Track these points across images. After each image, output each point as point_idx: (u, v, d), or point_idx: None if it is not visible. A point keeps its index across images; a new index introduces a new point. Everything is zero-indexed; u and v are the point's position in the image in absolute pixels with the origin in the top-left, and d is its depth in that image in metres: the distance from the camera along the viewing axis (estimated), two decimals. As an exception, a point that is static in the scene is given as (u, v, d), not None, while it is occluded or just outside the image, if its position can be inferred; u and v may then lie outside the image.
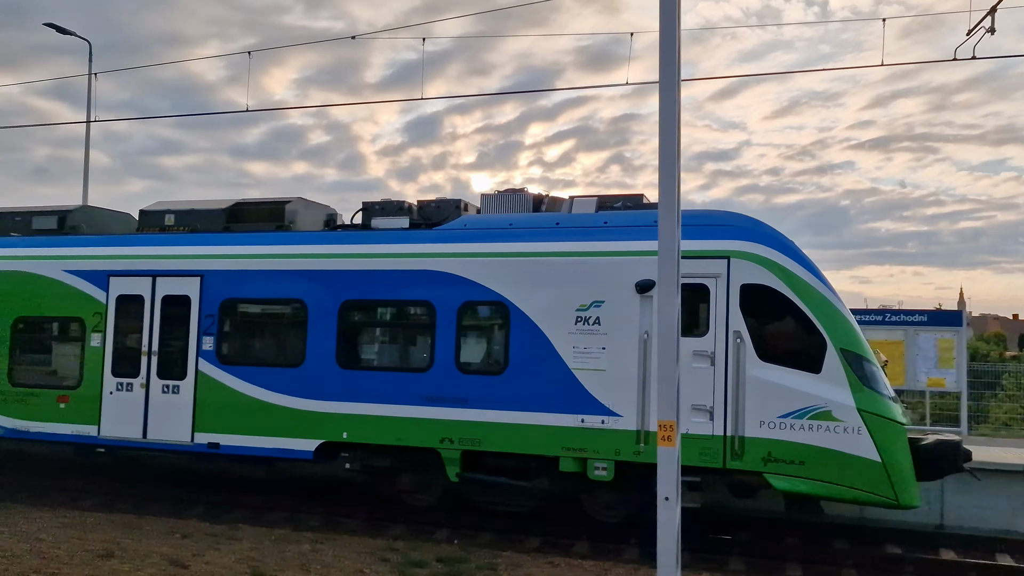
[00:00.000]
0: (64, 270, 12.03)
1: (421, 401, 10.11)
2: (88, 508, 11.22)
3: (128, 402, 11.50)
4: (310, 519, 10.88)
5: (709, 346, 9.19)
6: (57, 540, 9.23)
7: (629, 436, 9.27)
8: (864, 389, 8.77)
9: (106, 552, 8.76)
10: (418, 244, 10.61)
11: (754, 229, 9.49)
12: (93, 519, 10.39)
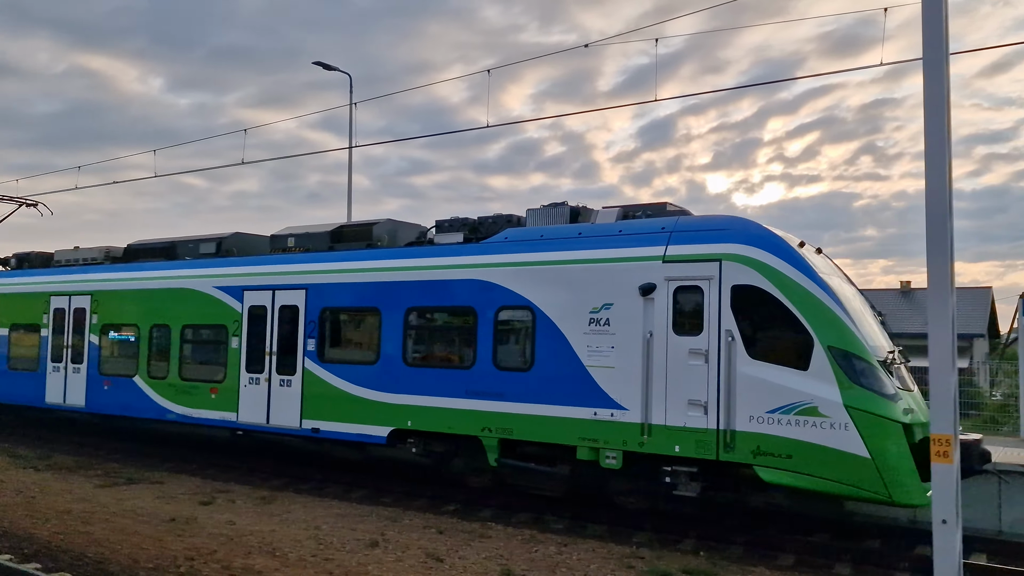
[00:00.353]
0: (213, 286, 14.71)
1: (466, 394, 11.52)
2: (357, 501, 12.27)
3: (257, 393, 13.91)
4: (556, 522, 11.04)
5: (703, 344, 9.74)
6: (332, 529, 10.20)
7: (635, 428, 10.05)
8: (853, 386, 8.92)
9: (372, 542, 9.53)
10: (464, 256, 11.97)
11: (747, 232, 9.92)
12: (362, 511, 11.36)
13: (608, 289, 10.46)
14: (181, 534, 9.85)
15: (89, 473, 13.85)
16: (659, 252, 10.19)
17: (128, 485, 12.95)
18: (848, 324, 9.26)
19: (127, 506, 11.35)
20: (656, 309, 10.07)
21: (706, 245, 9.97)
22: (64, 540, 9.52)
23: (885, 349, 9.71)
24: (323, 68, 24.24)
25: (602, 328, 10.45)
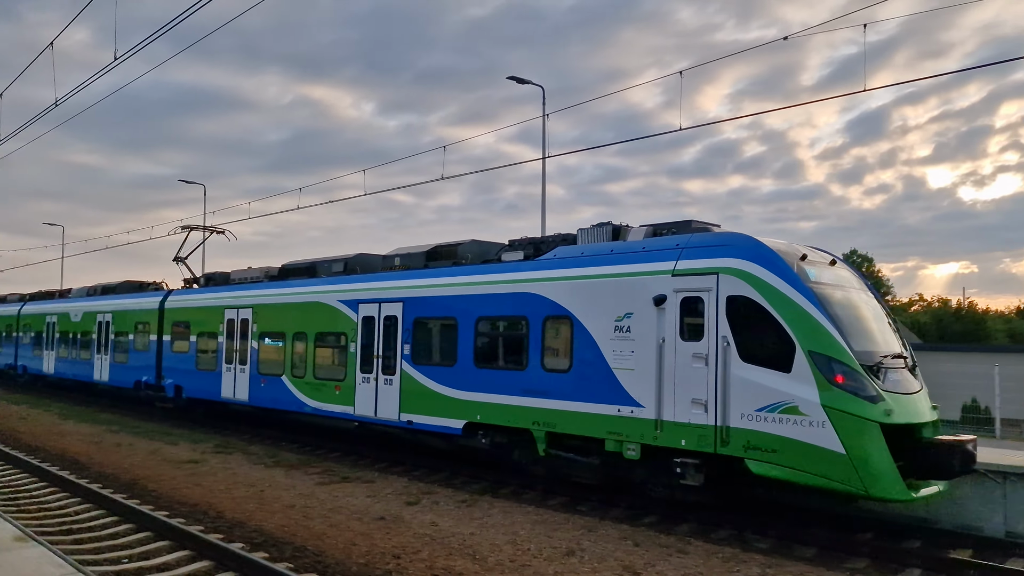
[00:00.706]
0: (337, 300, 17.16)
1: (520, 393, 13.05)
2: (554, 508, 12.29)
3: (368, 390, 16.10)
4: (759, 540, 10.47)
5: (704, 349, 10.65)
6: (529, 535, 10.29)
7: (650, 424, 11.14)
8: (831, 388, 9.58)
9: (569, 551, 9.52)
10: (520, 272, 13.59)
11: (742, 247, 10.72)
12: (558, 519, 11.37)
13: (629, 300, 11.64)
14: (389, 532, 10.37)
15: (310, 471, 14.98)
16: (670, 267, 11.26)
17: (343, 483, 13.85)
18: (831, 331, 9.90)
19: (342, 503, 12.14)
20: (667, 317, 11.14)
21: (707, 260, 10.95)
22: (288, 532, 10.33)
23: (881, 354, 10.32)
24: (517, 82, 24.86)
25: (624, 335, 11.66)
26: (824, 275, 10.86)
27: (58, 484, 13.05)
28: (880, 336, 10.98)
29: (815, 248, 11.67)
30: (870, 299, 11.56)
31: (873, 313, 11.32)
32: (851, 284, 11.41)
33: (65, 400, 28.46)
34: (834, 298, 10.54)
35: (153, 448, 17.22)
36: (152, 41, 12.43)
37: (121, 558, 9.12)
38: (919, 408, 10.29)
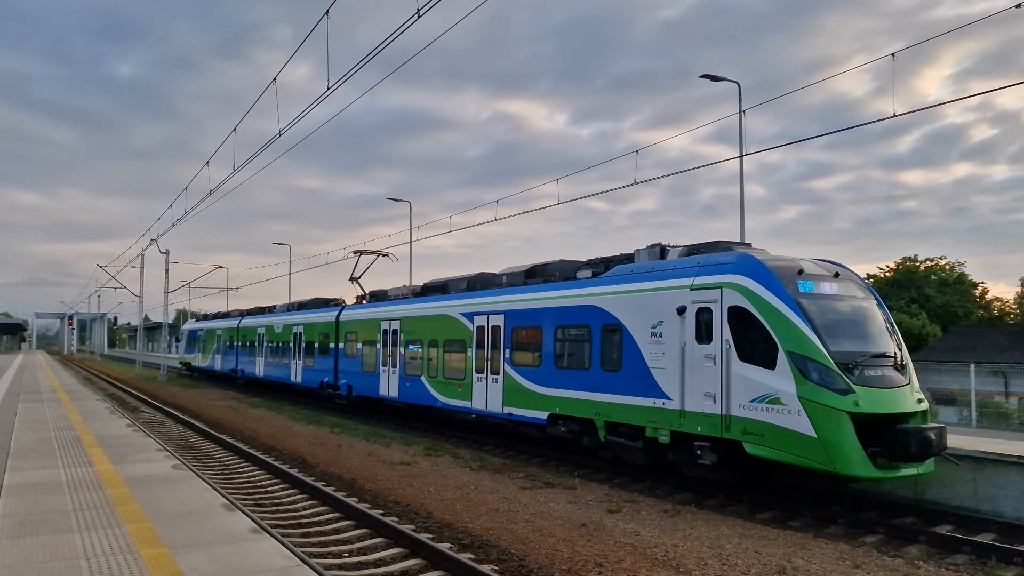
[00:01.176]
0: (459, 313, 20.30)
1: (586, 388, 15.55)
2: (763, 522, 11.71)
3: (480, 388, 19.09)
4: (1003, 569, 9.31)
5: (713, 351, 12.58)
6: (736, 549, 9.83)
7: (676, 413, 13.21)
8: (806, 382, 11.31)
9: (779, 568, 9.00)
10: (586, 288, 15.98)
11: (742, 264, 12.56)
12: (767, 533, 10.80)
13: (661, 310, 13.77)
14: (591, 539, 10.31)
15: (513, 475, 15.30)
16: (690, 282, 13.28)
17: (545, 488, 14.00)
18: (808, 335, 11.56)
19: (544, 508, 12.26)
20: (687, 324, 13.15)
21: (716, 276, 12.88)
22: (493, 535, 10.57)
23: (860, 354, 11.84)
24: (711, 80, 24.07)
25: (658, 339, 13.82)
26: (823, 287, 12.67)
27: (289, 481, 14.25)
28: (866, 338, 12.48)
29: (826, 261, 13.43)
30: (870, 307, 13.10)
31: (866, 319, 12.85)
32: (852, 294, 13.05)
33: (295, 404, 31.17)
34: (820, 307, 12.26)
35: (370, 450, 18.36)
36: (361, 68, 13.31)
37: (342, 552, 9.75)
38: (897, 399, 11.71)
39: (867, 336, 12.57)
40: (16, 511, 7.65)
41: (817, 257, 13.56)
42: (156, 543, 6.49)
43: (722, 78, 23.97)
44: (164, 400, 33.32)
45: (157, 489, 8.85)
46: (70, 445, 12.45)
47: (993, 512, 12.28)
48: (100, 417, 17.19)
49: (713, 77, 23.90)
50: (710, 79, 23.95)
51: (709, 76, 23.87)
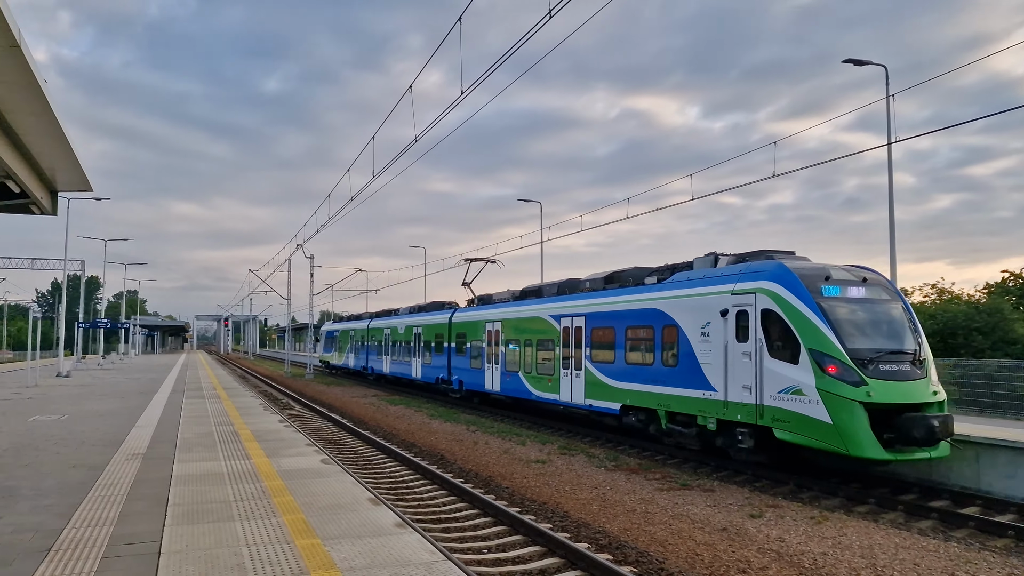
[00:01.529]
0: (548, 315, 22.75)
1: (650, 382, 17.54)
2: (920, 532, 11.07)
3: (567, 382, 21.50)
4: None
5: (749, 348, 14.44)
6: (890, 560, 9.32)
7: (720, 403, 15.08)
8: (824, 375, 12.99)
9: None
10: (649, 293, 17.90)
11: (772, 272, 14.39)
12: (926, 544, 10.21)
13: (708, 312, 15.57)
14: (732, 544, 10.00)
15: (649, 476, 15.09)
16: (731, 288, 15.03)
17: (682, 490, 13.72)
18: (827, 334, 13.15)
19: (682, 511, 12.01)
20: (729, 325, 14.89)
21: (752, 283, 14.58)
22: (630, 536, 10.45)
23: (876, 350, 13.27)
24: (854, 65, 22.83)
25: (706, 338, 15.62)
26: (849, 291, 14.17)
27: (428, 477, 14.66)
28: (884, 336, 13.89)
29: (857, 267, 15.06)
30: (893, 308, 14.44)
31: (887, 319, 14.20)
32: (877, 297, 14.45)
33: (432, 401, 32.05)
34: (842, 309, 13.82)
35: (505, 447, 18.60)
36: (492, 72, 13.50)
37: (481, 548, 9.92)
38: (911, 391, 13.14)
39: (886, 334, 14.01)
40: (184, 500, 8.25)
41: (856, 264, 15.35)
42: (309, 534, 6.83)
43: (867, 62, 22.69)
44: (311, 397, 35.10)
45: (308, 482, 9.31)
46: (229, 439, 13.31)
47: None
48: (254, 413, 18.30)
49: (857, 61, 22.66)
50: (854, 63, 22.73)
51: (853, 60, 22.66)
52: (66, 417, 16.83)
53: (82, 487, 8.93)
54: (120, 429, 14.63)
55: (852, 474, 14.81)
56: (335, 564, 5.91)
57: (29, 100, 7.23)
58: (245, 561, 5.98)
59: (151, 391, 25.76)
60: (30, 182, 9.91)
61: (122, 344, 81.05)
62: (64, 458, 11.11)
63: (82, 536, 6.68)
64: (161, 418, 16.71)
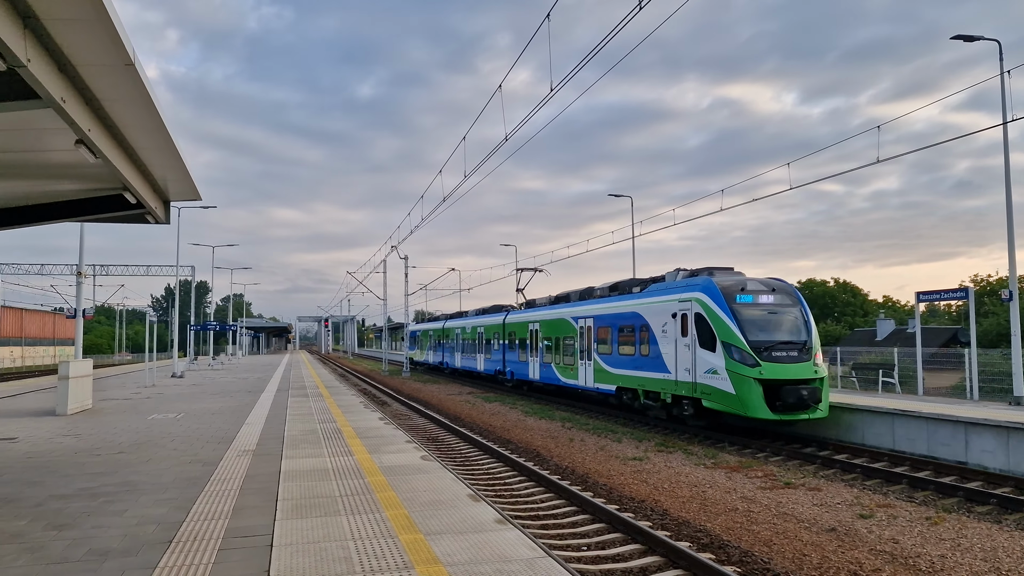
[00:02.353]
0: (570, 317, 28.48)
1: (633, 368, 22.93)
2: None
3: (582, 370, 26.94)
4: None
5: (688, 341, 19.63)
6: (1016, 564, 8.82)
7: (673, 382, 20.44)
8: (731, 360, 18.08)
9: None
10: (634, 300, 23.34)
11: (702, 285, 19.68)
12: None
13: (665, 315, 20.94)
14: (842, 545, 9.64)
15: (750, 474, 14.70)
16: (678, 297, 20.39)
17: (786, 489, 13.31)
18: (734, 330, 18.28)
19: (787, 510, 11.65)
20: (676, 324, 20.23)
21: (689, 293, 19.94)
22: (732, 536, 10.21)
23: (769, 342, 18.27)
24: (964, 41, 21.61)
25: (664, 334, 20.89)
26: (759, 298, 19.16)
27: (525, 474, 14.72)
28: (779, 332, 18.74)
29: (773, 279, 20.19)
30: (792, 311, 19.33)
31: (785, 319, 19.08)
32: (781, 303, 19.35)
33: (526, 399, 32.22)
34: (749, 312, 18.78)
35: (601, 444, 18.50)
36: (581, 68, 13.43)
37: (580, 545, 9.89)
38: (795, 371, 17.98)
39: (780, 330, 18.92)
40: (293, 495, 8.55)
41: (775, 276, 20.64)
42: (412, 529, 6.96)
43: (978, 37, 21.43)
44: (408, 395, 35.83)
45: (409, 478, 9.49)
46: (333, 436, 13.72)
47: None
48: (355, 410, 18.80)
49: (967, 37, 21.44)
50: (963, 40, 21.50)
51: (963, 37, 21.44)
52: (181, 415, 17.72)
53: (198, 482, 9.37)
54: (231, 426, 15.30)
55: (945, 467, 14.06)
56: (438, 559, 6.00)
57: (144, 116, 7.63)
58: (352, 555, 6.14)
59: (258, 390, 26.83)
60: (145, 193, 10.46)
61: (230, 345, 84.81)
62: (181, 454, 11.70)
63: (200, 529, 7.02)
64: (268, 416, 17.37)
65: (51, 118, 6.76)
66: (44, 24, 5.47)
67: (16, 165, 9.28)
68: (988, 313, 50.16)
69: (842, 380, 27.65)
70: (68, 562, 6.02)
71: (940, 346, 38.82)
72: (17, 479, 9.67)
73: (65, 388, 18.22)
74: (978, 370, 22.08)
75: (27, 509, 7.93)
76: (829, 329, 71.83)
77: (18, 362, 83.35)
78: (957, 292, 25.87)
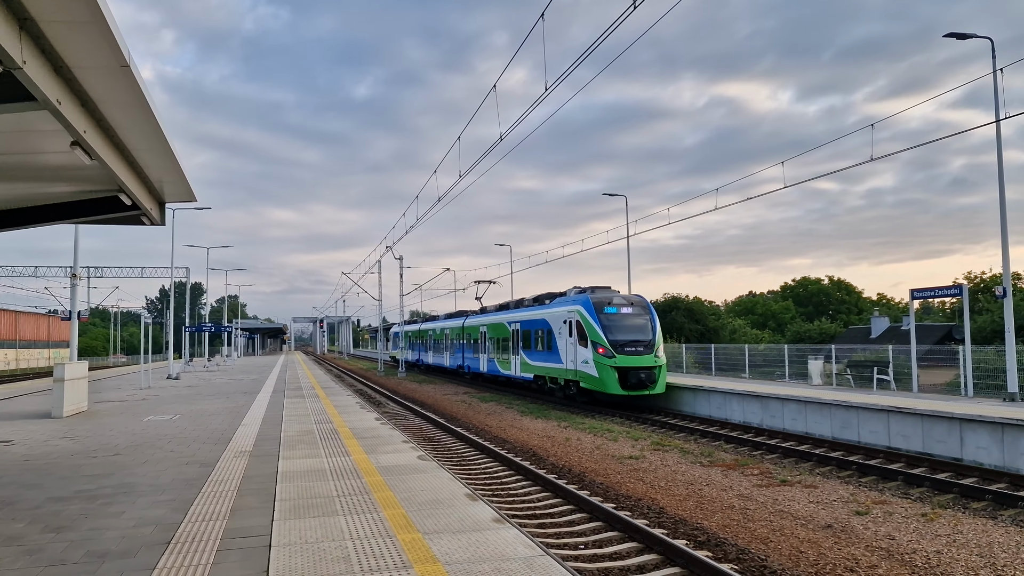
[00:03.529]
0: (506, 321, 36.60)
1: (543, 361, 31.20)
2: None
3: (513, 364, 35.24)
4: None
5: (573, 340, 27.83)
6: (1012, 560, 8.88)
7: (563, 369, 28.88)
8: (596, 354, 25.99)
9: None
10: (541, 310, 31.92)
11: (581, 300, 27.94)
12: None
13: (559, 321, 29.08)
14: (838, 542, 9.68)
15: (746, 472, 14.75)
16: (567, 308, 28.63)
17: (782, 486, 13.36)
18: (600, 332, 26.19)
19: (783, 507, 11.69)
20: (567, 328, 28.36)
21: (573, 306, 28.11)
22: (729, 533, 10.24)
23: (624, 341, 25.98)
24: (956, 39, 21.68)
25: (560, 335, 29.05)
26: (622, 310, 27.09)
27: (522, 473, 14.74)
28: (631, 333, 26.47)
29: (634, 295, 29.05)
30: (643, 318, 27.26)
31: (637, 324, 26.85)
32: (636, 313, 27.26)
33: (521, 399, 32.27)
34: (612, 320, 26.65)
35: (597, 444, 18.53)
36: (576, 67, 13.45)
37: (578, 544, 9.91)
38: (640, 360, 25.74)
39: (633, 332, 26.65)
40: (290, 495, 8.56)
41: (636, 293, 30.62)
42: (410, 528, 6.97)
43: (971, 35, 21.50)
44: (404, 395, 35.83)
45: (406, 478, 9.50)
46: (329, 436, 13.72)
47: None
48: (351, 411, 18.79)
49: (960, 35, 21.51)
50: (956, 37, 21.58)
51: (955, 35, 21.51)
52: (177, 417, 17.69)
53: (196, 483, 9.37)
54: (227, 427, 15.29)
55: (916, 459, 14.13)
56: (436, 558, 6.01)
57: (139, 118, 7.63)
58: (350, 554, 6.15)
59: (254, 391, 26.81)
60: (140, 195, 10.45)
61: (225, 347, 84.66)
62: (178, 456, 11.69)
63: (198, 530, 7.02)
64: (265, 417, 17.36)
65: (47, 120, 6.75)
66: (40, 26, 5.47)
67: (12, 167, 9.27)
68: (983, 310, 50.35)
69: (837, 378, 27.76)
70: (67, 564, 6.02)
71: (935, 343, 38.98)
72: (14, 481, 9.65)
73: (61, 390, 18.18)
74: (972, 367, 22.17)
75: (25, 511, 7.92)
76: (823, 327, 72.01)
77: (12, 364, 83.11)
78: (951, 289, 25.96)
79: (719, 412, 24.33)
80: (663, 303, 69.04)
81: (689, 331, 61.95)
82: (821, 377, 28.67)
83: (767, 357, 32.54)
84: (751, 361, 31.94)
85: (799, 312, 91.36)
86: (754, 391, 22.85)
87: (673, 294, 71.85)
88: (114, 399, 23.74)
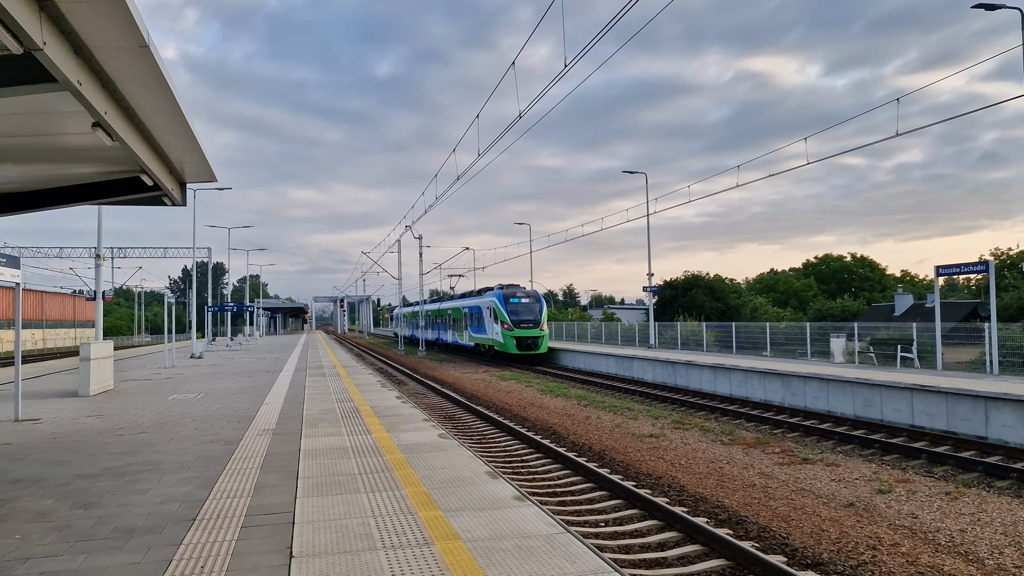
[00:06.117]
0: (462, 306, 53.62)
1: (477, 333, 48.74)
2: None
3: (464, 336, 53.05)
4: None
5: (492, 320, 45.06)
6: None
7: (490, 339, 45.75)
8: (503, 329, 42.78)
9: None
10: (480, 299, 49.29)
11: (496, 293, 45.57)
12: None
13: (486, 307, 46.34)
14: (860, 520, 9.64)
15: (767, 450, 14.70)
16: (490, 298, 45.84)
17: (803, 464, 13.30)
18: (506, 314, 42.88)
19: (805, 485, 11.65)
20: (488, 312, 45.57)
21: (492, 297, 45.52)
22: (750, 511, 10.23)
23: (522, 320, 43.08)
24: (985, 9, 21.19)
25: (488, 316, 45.69)
26: (521, 300, 43.82)
27: (542, 451, 14.79)
28: (526, 315, 42.83)
29: (531, 290, 46.10)
30: (536, 306, 43.69)
31: (532, 309, 43.26)
32: (532, 301, 44.06)
33: (542, 377, 32.32)
34: (515, 306, 43.28)
35: (617, 422, 18.54)
36: (597, 41, 13.30)
37: (598, 521, 9.94)
38: (530, 332, 42.15)
39: (528, 314, 42.59)
40: (313, 473, 8.64)
41: (534, 288, 49.87)
42: (432, 506, 7.02)
43: (999, 6, 21.01)
44: (424, 374, 36.04)
45: (428, 456, 9.56)
46: (351, 415, 13.82)
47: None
48: (373, 390, 18.92)
49: (988, 6, 21.02)
50: (984, 8, 21.10)
51: (983, 5, 21.03)
52: (201, 395, 17.90)
53: (220, 460, 9.48)
54: (250, 406, 15.45)
55: (895, 429, 14.03)
56: (458, 535, 6.05)
57: (159, 98, 7.63)
58: (373, 531, 6.21)
59: (276, 370, 27.05)
60: (162, 175, 10.50)
61: (247, 326, 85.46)
62: (202, 433, 11.83)
63: (223, 507, 7.11)
64: (287, 395, 17.52)
65: (68, 101, 6.78)
66: (59, 6, 5.47)
67: (34, 149, 9.34)
68: (1009, 287, 49.66)
69: (860, 356, 27.53)
70: (95, 539, 6.13)
71: (960, 321, 38.51)
72: (43, 459, 9.82)
73: (87, 369, 18.44)
74: (998, 344, 21.90)
75: (54, 488, 8.06)
76: (846, 304, 71.39)
77: (39, 344, 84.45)
78: (977, 266, 25.58)
79: (739, 390, 24.24)
80: (682, 281, 68.74)
81: (710, 309, 61.70)
82: (843, 355, 28.43)
83: (788, 335, 32.28)
84: (772, 339, 31.71)
85: (821, 290, 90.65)
86: (775, 368, 22.73)
87: (694, 272, 71.52)
88: (139, 378, 24.06)
